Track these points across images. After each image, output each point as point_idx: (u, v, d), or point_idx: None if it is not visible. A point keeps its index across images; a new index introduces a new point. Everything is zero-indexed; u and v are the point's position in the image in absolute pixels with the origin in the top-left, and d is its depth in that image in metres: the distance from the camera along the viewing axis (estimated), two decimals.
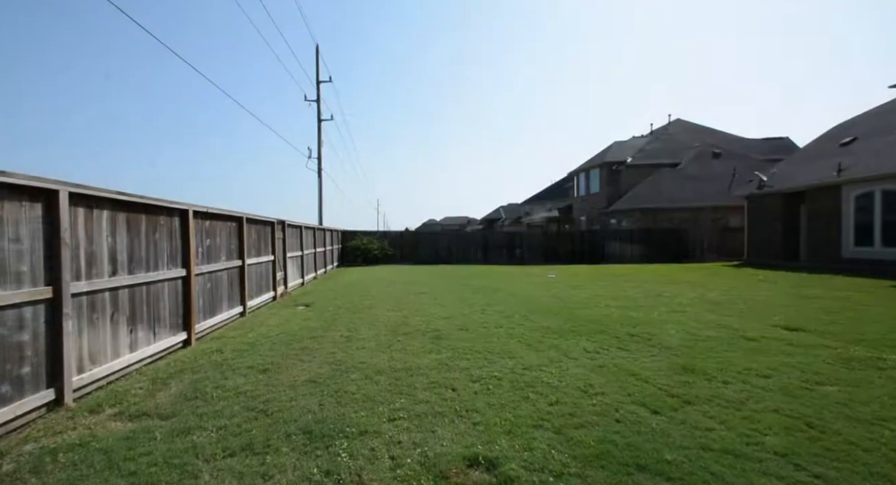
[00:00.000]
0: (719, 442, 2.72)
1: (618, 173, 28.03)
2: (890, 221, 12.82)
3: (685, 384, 3.80)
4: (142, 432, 2.95)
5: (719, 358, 4.57)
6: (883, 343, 5.06)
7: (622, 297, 9.18)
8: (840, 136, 16.94)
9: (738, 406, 3.30)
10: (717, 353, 4.77)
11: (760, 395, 3.53)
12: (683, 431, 2.89)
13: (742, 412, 3.19)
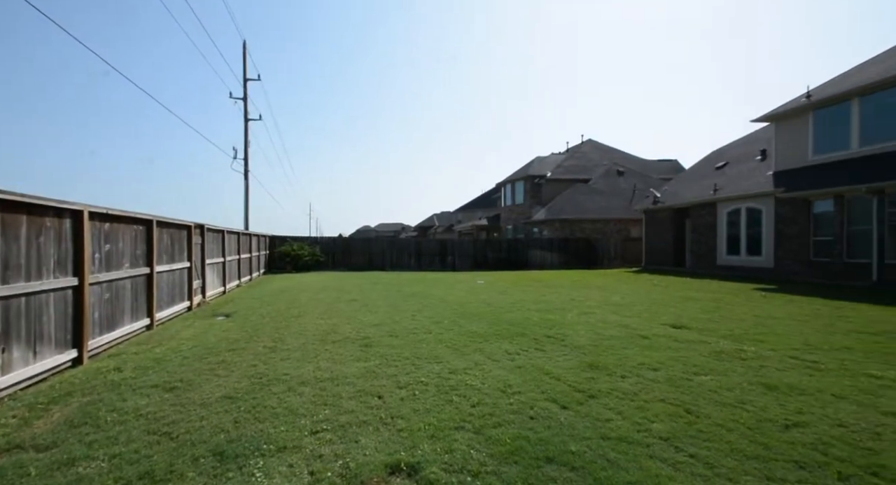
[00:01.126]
0: (616, 431, 2.98)
1: (539, 186, 29.79)
2: (752, 233, 15.08)
3: (590, 380, 4.10)
4: (11, 468, 2.50)
5: (619, 355, 5.01)
6: (745, 337, 5.90)
7: (542, 301, 9.70)
8: (716, 160, 19.63)
9: (633, 397, 3.64)
10: (617, 350, 5.23)
11: (650, 386, 3.93)
12: (587, 423, 3.12)
13: (635, 403, 3.52)
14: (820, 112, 12.92)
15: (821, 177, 12.41)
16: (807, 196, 12.69)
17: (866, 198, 11.15)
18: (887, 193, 10.74)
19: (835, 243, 12.11)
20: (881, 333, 6.05)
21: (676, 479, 2.38)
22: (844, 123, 12.23)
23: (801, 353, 5.01)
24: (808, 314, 7.62)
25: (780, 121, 14.25)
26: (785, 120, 14.04)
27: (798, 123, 13.58)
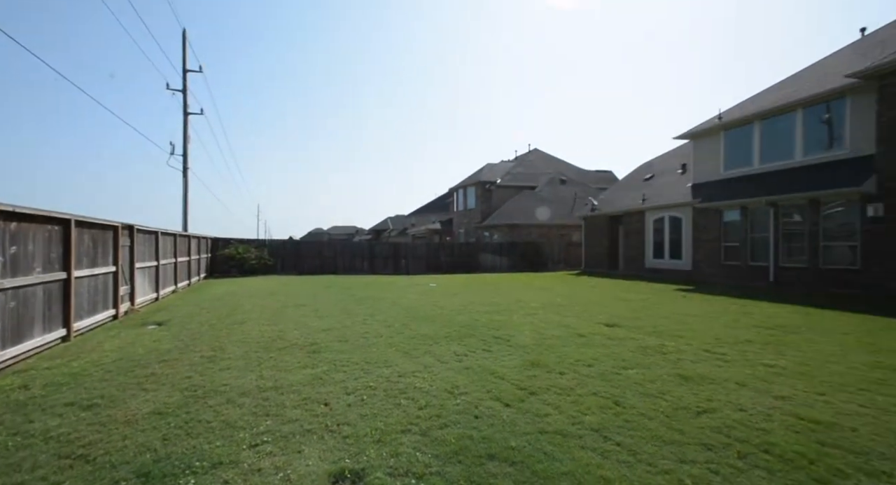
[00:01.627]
0: (553, 425, 3.12)
1: (490, 192, 30.52)
2: (674, 239, 16.48)
3: (532, 378, 4.26)
4: None
5: (559, 353, 5.25)
6: (667, 333, 6.42)
7: (490, 303, 9.93)
8: (644, 172, 21.24)
9: (569, 393, 3.83)
10: (557, 348, 5.48)
11: (585, 381, 4.16)
12: (527, 419, 3.24)
13: (571, 397, 3.71)
14: (729, 132, 14.46)
15: (730, 190, 13.86)
16: (718, 207, 14.11)
17: (765, 209, 12.62)
18: (780, 205, 12.23)
19: (741, 248, 13.56)
20: (775, 327, 6.85)
21: (604, 466, 2.55)
22: (748, 143, 13.78)
23: (712, 346, 5.54)
24: (719, 312, 8.46)
25: (697, 139, 15.75)
26: (701, 138, 15.54)
27: (711, 141, 15.10)
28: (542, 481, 2.38)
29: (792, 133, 12.43)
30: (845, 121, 11.07)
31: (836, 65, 12.44)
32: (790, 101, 12.24)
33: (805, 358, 4.92)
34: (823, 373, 4.34)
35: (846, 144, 11.03)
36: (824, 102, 11.56)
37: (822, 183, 11.04)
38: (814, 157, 11.82)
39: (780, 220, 12.31)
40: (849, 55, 12.83)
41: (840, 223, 10.92)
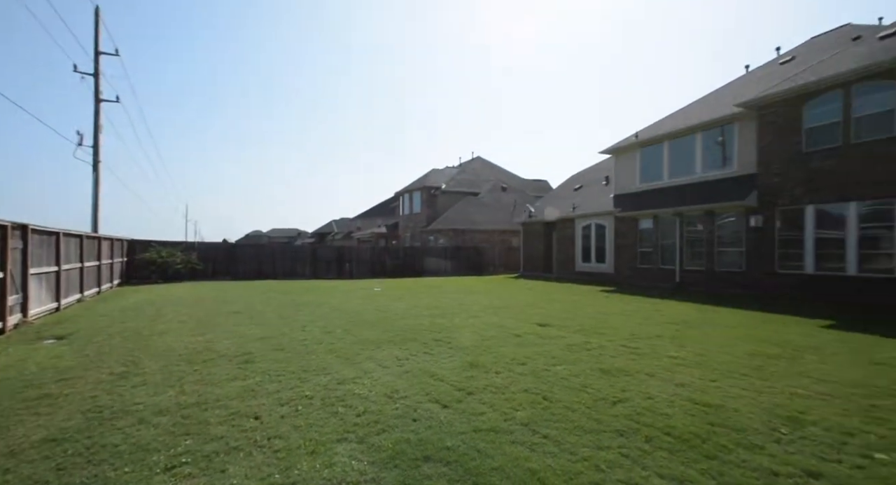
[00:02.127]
0: (487, 423, 3.22)
1: (435, 197, 30.76)
2: (599, 245, 17.78)
3: (469, 378, 4.36)
4: None
5: (496, 353, 5.43)
6: (591, 331, 6.90)
7: (434, 306, 9.98)
8: (575, 183, 22.72)
9: (503, 391, 3.97)
10: (495, 349, 5.66)
11: (518, 379, 4.34)
12: (463, 418, 3.31)
13: (505, 395, 3.85)
14: (644, 150, 15.98)
15: (644, 201, 15.29)
16: (635, 216, 15.50)
17: (672, 218, 14.09)
18: (685, 215, 13.73)
19: (653, 253, 14.99)
20: (679, 323, 7.65)
21: (531, 459, 2.68)
22: (659, 160, 15.33)
23: (629, 341, 6.06)
24: (635, 310, 9.26)
25: (618, 154, 17.20)
26: (621, 154, 17.00)
27: (630, 157, 16.57)
28: (474, 479, 2.45)
29: (693, 152, 14.05)
30: (734, 143, 12.74)
31: (728, 95, 14.29)
32: (691, 125, 13.83)
33: (701, 349, 5.55)
34: (715, 362, 4.94)
35: (735, 164, 12.70)
36: (718, 127, 13.21)
37: (717, 197, 12.58)
38: (710, 173, 13.44)
39: (684, 228, 13.81)
40: (738, 87, 14.80)
41: (731, 232, 12.51)
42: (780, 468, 2.55)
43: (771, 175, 11.30)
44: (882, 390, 3.90)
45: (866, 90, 9.51)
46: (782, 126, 11.06)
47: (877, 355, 5.15)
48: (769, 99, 11.26)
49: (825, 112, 10.22)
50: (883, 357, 5.06)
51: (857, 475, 2.47)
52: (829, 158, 10.11)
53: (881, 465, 2.58)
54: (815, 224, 10.41)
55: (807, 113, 10.56)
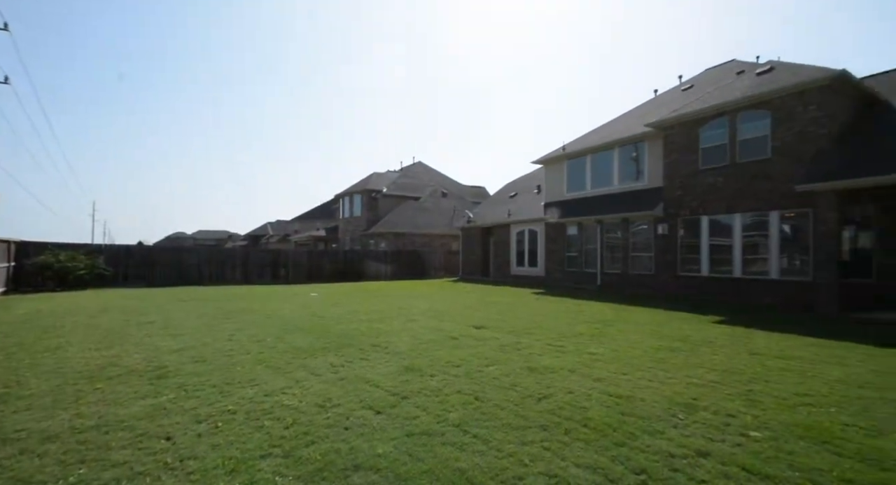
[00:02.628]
0: (420, 427, 3.21)
1: (376, 200, 30.25)
2: (532, 249, 18.69)
3: (405, 383, 4.32)
4: None
5: (432, 356, 5.44)
6: (523, 332, 7.20)
7: (373, 311, 9.76)
8: (510, 190, 23.68)
9: (437, 393, 3.99)
10: (431, 352, 5.67)
11: (453, 381, 4.39)
12: (396, 423, 3.26)
13: (439, 398, 3.87)
14: (570, 162, 17.15)
15: (571, 209, 16.39)
16: (562, 222, 16.55)
17: (594, 225, 15.26)
18: (604, 222, 14.95)
19: (578, 257, 16.11)
20: (599, 321, 8.28)
21: (461, 459, 2.71)
22: (583, 172, 16.55)
23: (555, 340, 6.42)
24: (562, 311, 9.85)
25: (548, 164, 18.27)
26: (550, 164, 18.08)
27: (558, 167, 17.69)
28: (404, 484, 2.42)
29: (612, 166, 15.37)
30: (645, 159, 14.16)
31: (640, 115, 15.85)
32: (610, 141, 15.13)
33: (616, 345, 6.05)
34: (627, 357, 5.40)
35: (646, 177, 14.10)
36: (632, 144, 14.59)
37: (631, 206, 13.86)
38: (626, 185, 14.78)
39: (604, 235, 15.02)
40: (648, 108, 16.47)
41: (643, 238, 13.84)
42: (676, 450, 2.84)
43: (674, 189, 12.71)
44: (757, 377, 4.54)
45: (747, 118, 11.11)
46: (683, 145, 12.52)
47: (753, 347, 5.98)
48: (672, 121, 12.69)
49: (716, 135, 11.75)
50: (758, 348, 5.89)
51: (737, 452, 2.83)
52: (719, 175, 11.62)
53: (755, 441, 2.99)
54: (709, 233, 11.89)
55: (702, 135, 12.06)
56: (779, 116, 10.44)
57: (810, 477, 2.50)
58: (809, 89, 9.93)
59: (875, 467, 2.61)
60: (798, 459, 2.71)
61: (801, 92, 10.06)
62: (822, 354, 5.45)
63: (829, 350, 5.69)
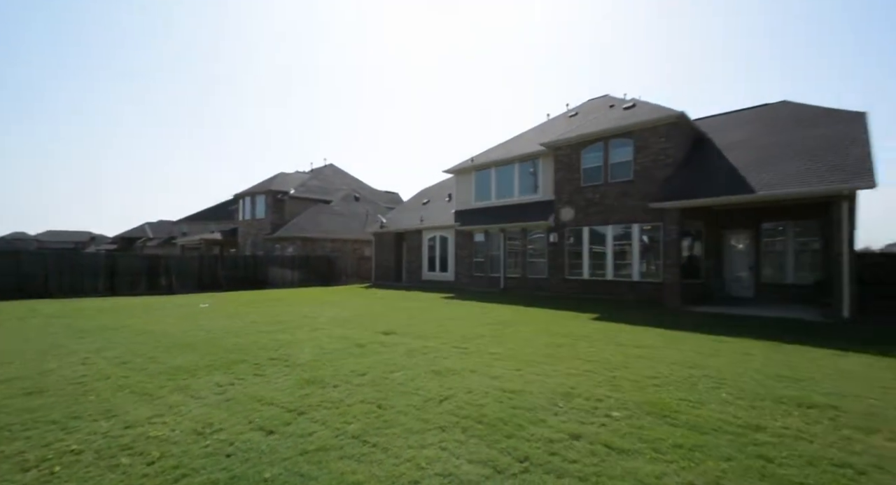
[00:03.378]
0: (316, 443, 3.02)
1: (282, 202, 28.02)
2: (442, 255, 19.18)
3: (304, 396, 4.03)
4: None
5: (336, 365, 5.19)
6: (430, 336, 7.29)
7: (275, 321, 8.96)
8: (423, 197, 24.03)
9: (338, 405, 3.81)
10: (336, 361, 5.41)
11: (356, 390, 4.23)
12: (290, 442, 3.02)
13: (339, 409, 3.70)
14: (478, 173, 18.12)
15: (478, 217, 17.27)
16: (470, 230, 17.35)
17: (498, 233, 16.30)
18: (507, 230, 16.08)
19: (485, 263, 17.02)
20: (500, 323, 8.81)
21: (358, 471, 2.62)
22: (488, 182, 17.62)
23: (460, 343, 6.64)
24: (468, 314, 10.26)
25: (458, 174, 19.02)
26: (460, 174, 18.86)
27: (467, 177, 18.54)
28: None
29: (513, 179, 16.65)
30: (540, 174, 15.63)
31: (537, 135, 17.47)
32: (511, 156, 16.39)
33: (513, 345, 6.50)
34: (521, 354, 5.83)
35: (541, 191, 15.56)
36: (530, 160, 16.00)
37: (528, 216, 15.15)
38: (525, 197, 16.12)
39: (507, 242, 16.14)
40: (544, 129, 18.23)
41: (538, 246, 15.20)
42: (555, 435, 3.14)
43: (563, 202, 14.25)
44: (620, 364, 5.27)
45: (617, 144, 13.00)
46: (568, 165, 14.13)
47: (619, 339, 6.95)
48: (560, 143, 14.26)
49: (594, 157, 13.52)
50: (622, 340, 6.86)
51: (602, 431, 3.24)
52: (596, 192, 13.37)
53: (615, 421, 3.45)
54: (589, 241, 13.56)
55: (584, 156, 13.77)
56: (639, 145, 12.44)
57: (653, 446, 2.97)
58: (660, 125, 12.04)
59: (697, 432, 3.22)
60: (645, 432, 3.21)
61: (654, 127, 12.15)
62: (666, 342, 6.57)
63: (671, 338, 6.90)
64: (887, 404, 3.85)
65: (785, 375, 4.74)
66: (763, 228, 12.55)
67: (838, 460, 2.77)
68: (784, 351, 5.93)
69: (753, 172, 10.37)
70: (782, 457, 2.82)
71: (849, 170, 8.90)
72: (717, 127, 13.99)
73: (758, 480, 2.55)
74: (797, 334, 7.16)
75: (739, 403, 3.86)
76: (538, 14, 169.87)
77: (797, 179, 9.38)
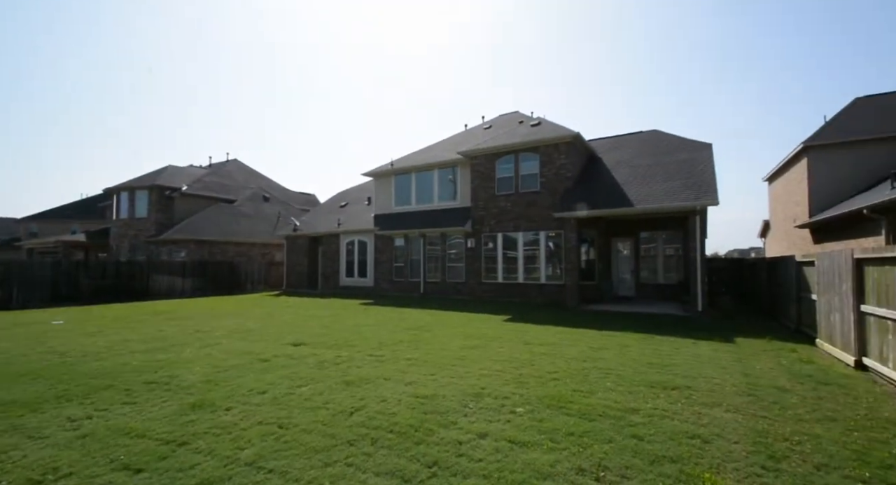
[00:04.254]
0: (199, 476, 2.65)
1: (171, 200, 24.49)
2: (361, 260, 18.62)
3: (187, 424, 3.53)
4: None
5: (232, 385, 4.65)
6: (345, 344, 6.97)
7: (156, 338, 7.73)
8: (341, 200, 23.10)
9: (231, 429, 3.41)
10: (232, 380, 4.85)
11: (254, 411, 3.84)
12: (164, 479, 2.61)
13: (232, 434, 3.31)
14: (398, 177, 18.03)
15: (398, 222, 17.17)
16: (390, 234, 17.17)
17: (418, 238, 16.40)
18: (427, 236, 16.25)
19: (405, 268, 16.95)
20: (418, 328, 8.82)
21: None
22: (409, 187, 17.65)
23: (376, 350, 6.47)
24: (386, 320, 10.08)
25: (377, 178, 18.71)
26: (380, 178, 18.58)
27: (387, 181, 18.33)
28: None
29: (433, 185, 16.92)
30: (458, 182, 16.15)
31: (456, 144, 18.03)
32: (431, 162, 16.67)
33: (429, 349, 6.54)
34: (436, 358, 5.90)
35: (459, 197, 16.07)
36: (450, 167, 16.44)
37: (447, 222, 15.52)
38: (444, 203, 16.49)
39: (426, 247, 16.30)
40: (462, 138, 18.88)
41: (457, 251, 15.64)
42: (464, 437, 3.22)
43: (479, 209, 14.91)
44: (526, 362, 5.63)
45: (525, 158, 14.05)
46: (484, 174, 14.86)
47: (527, 338, 7.45)
48: (476, 153, 14.95)
49: (506, 168, 14.42)
50: (530, 338, 7.37)
51: (507, 428, 3.40)
52: (508, 201, 14.26)
53: (519, 416, 3.66)
54: (503, 246, 14.37)
55: (497, 167, 14.60)
56: (544, 160, 13.62)
57: (550, 437, 3.22)
58: (561, 143, 13.35)
59: (586, 419, 3.58)
60: (545, 424, 3.46)
61: (556, 144, 13.42)
62: (565, 339, 7.23)
63: (570, 335, 7.62)
64: (725, 381, 4.73)
65: (655, 362, 5.54)
66: (641, 237, 14.65)
67: (691, 433, 3.30)
68: (655, 342, 6.94)
69: (633, 189, 12.07)
70: (651, 434, 3.26)
71: (700, 189, 10.86)
72: (606, 148, 15.99)
73: (631, 457, 2.91)
74: (665, 327, 8.46)
75: (620, 389, 4.39)
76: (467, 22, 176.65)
77: (663, 196, 11.17)
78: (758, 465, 2.81)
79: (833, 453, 2.98)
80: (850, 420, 3.59)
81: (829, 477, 2.67)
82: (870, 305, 5.02)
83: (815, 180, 14.37)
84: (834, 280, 5.97)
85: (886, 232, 8.83)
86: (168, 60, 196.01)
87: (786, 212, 17.47)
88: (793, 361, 5.72)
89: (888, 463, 2.84)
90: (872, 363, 4.99)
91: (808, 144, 14.53)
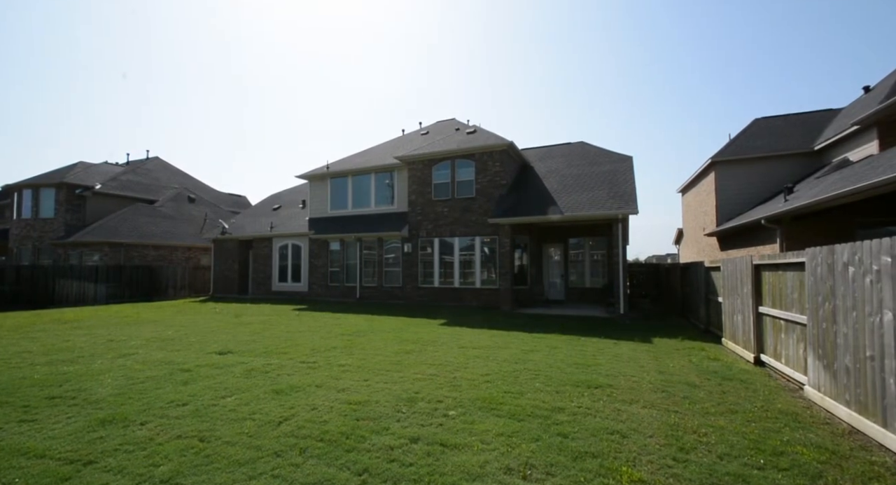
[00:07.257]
0: None
1: (83, 199, 21.42)
2: (295, 264, 17.81)
3: (95, 441, 3.23)
4: None
5: (149, 398, 4.29)
6: (276, 352, 6.67)
7: (61, 349, 6.78)
8: (274, 202, 21.87)
9: (146, 445, 3.18)
10: (149, 393, 4.46)
11: (173, 424, 3.59)
12: None
13: (147, 451, 3.09)
14: (334, 180, 17.57)
15: (333, 226, 16.72)
16: (326, 239, 16.67)
17: (355, 242, 16.13)
18: (363, 240, 16.05)
19: (340, 272, 16.54)
20: (353, 333, 8.70)
21: None
22: (345, 191, 17.28)
23: (308, 357, 6.30)
24: (320, 326, 9.78)
25: (312, 180, 18.06)
26: (315, 181, 17.96)
27: (322, 185, 17.77)
28: None
29: (370, 189, 16.76)
30: (396, 186, 16.17)
31: (393, 148, 18.04)
32: (368, 166, 16.54)
33: (364, 354, 6.52)
34: (371, 364, 5.91)
35: (396, 202, 16.11)
36: (387, 172, 16.40)
37: (384, 227, 15.48)
38: (382, 208, 16.42)
39: (363, 251, 16.10)
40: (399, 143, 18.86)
41: (394, 255, 15.64)
42: (395, 442, 3.27)
43: (416, 214, 15.10)
44: (460, 365, 5.83)
45: (462, 164, 14.55)
46: (421, 179, 15.11)
47: (462, 342, 7.71)
48: (413, 158, 15.16)
49: (443, 174, 14.81)
50: (465, 342, 7.63)
51: (439, 431, 3.49)
52: (445, 206, 14.64)
53: (451, 419, 3.78)
54: (440, 251, 14.68)
55: (434, 173, 14.93)
56: (479, 167, 14.22)
57: (481, 438, 3.36)
58: (495, 151, 14.05)
59: (515, 420, 3.78)
60: (476, 426, 3.63)
61: (491, 152, 14.10)
62: (499, 342, 7.63)
63: (503, 338, 8.04)
64: (642, 379, 5.13)
65: (580, 362, 5.95)
66: (570, 242, 15.89)
67: (611, 429, 3.55)
68: (581, 343, 7.49)
69: (563, 197, 13.07)
70: (575, 432, 3.48)
71: (622, 199, 12.06)
72: (538, 157, 17.09)
73: (556, 454, 3.07)
74: (590, 328, 9.26)
75: (548, 389, 4.64)
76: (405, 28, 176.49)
77: (590, 205, 12.24)
78: (669, 457, 3.00)
79: (734, 443, 3.23)
80: (749, 412, 3.94)
81: (731, 465, 2.90)
82: (766, 307, 5.43)
83: (722, 192, 14.77)
84: (736, 284, 6.36)
85: (780, 240, 9.45)
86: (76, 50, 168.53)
87: (697, 221, 18.44)
88: (702, 359, 6.15)
89: (780, 450, 3.13)
90: (769, 360, 5.41)
91: (716, 159, 14.93)
